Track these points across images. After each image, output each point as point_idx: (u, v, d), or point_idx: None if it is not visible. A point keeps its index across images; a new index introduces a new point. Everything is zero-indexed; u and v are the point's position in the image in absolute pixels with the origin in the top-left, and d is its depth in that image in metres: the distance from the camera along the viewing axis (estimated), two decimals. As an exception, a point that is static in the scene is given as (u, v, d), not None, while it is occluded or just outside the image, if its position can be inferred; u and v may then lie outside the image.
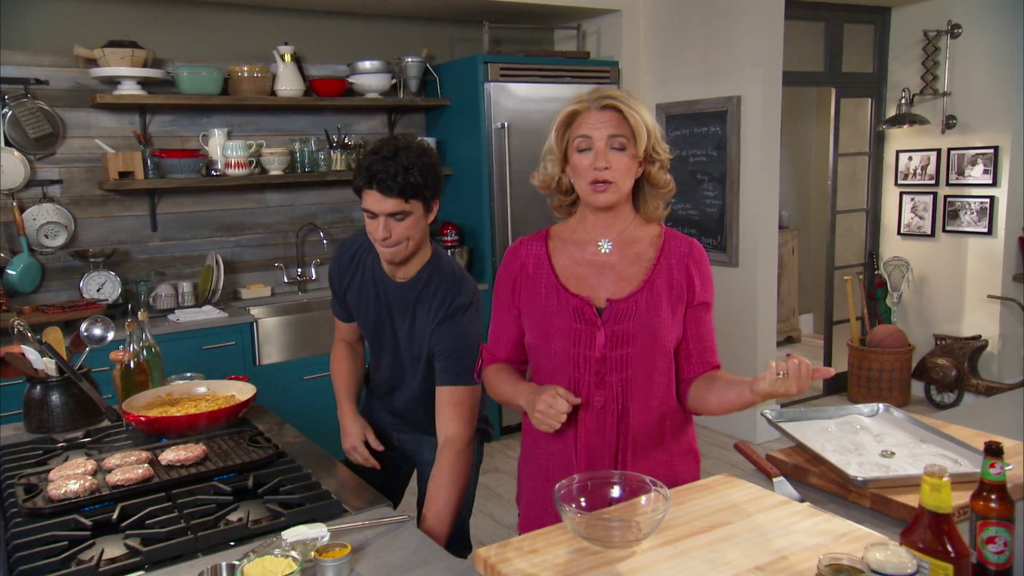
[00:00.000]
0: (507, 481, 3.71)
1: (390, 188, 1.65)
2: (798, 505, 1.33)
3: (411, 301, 1.82)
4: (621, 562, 1.15)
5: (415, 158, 1.67)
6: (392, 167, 1.64)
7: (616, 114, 1.43)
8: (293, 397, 3.51)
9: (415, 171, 1.66)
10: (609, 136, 1.42)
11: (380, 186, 1.65)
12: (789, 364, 1.26)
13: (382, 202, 1.67)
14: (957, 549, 1.03)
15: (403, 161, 1.65)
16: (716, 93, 4.14)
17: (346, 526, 1.39)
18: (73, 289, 3.56)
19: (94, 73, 3.46)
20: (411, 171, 1.65)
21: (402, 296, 1.83)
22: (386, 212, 1.68)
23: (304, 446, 1.86)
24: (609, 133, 1.42)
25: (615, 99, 1.43)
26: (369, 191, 1.68)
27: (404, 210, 1.68)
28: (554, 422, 1.36)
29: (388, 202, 1.67)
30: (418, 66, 4.22)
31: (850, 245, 5.08)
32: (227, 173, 3.71)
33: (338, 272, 1.95)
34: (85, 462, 1.64)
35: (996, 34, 4.23)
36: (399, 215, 1.69)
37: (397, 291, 1.84)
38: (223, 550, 1.34)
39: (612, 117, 1.42)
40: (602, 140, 1.42)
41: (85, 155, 3.58)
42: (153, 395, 2.00)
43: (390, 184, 1.64)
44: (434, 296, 1.79)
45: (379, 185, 1.65)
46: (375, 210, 1.69)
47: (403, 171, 1.64)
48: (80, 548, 1.33)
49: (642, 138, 1.43)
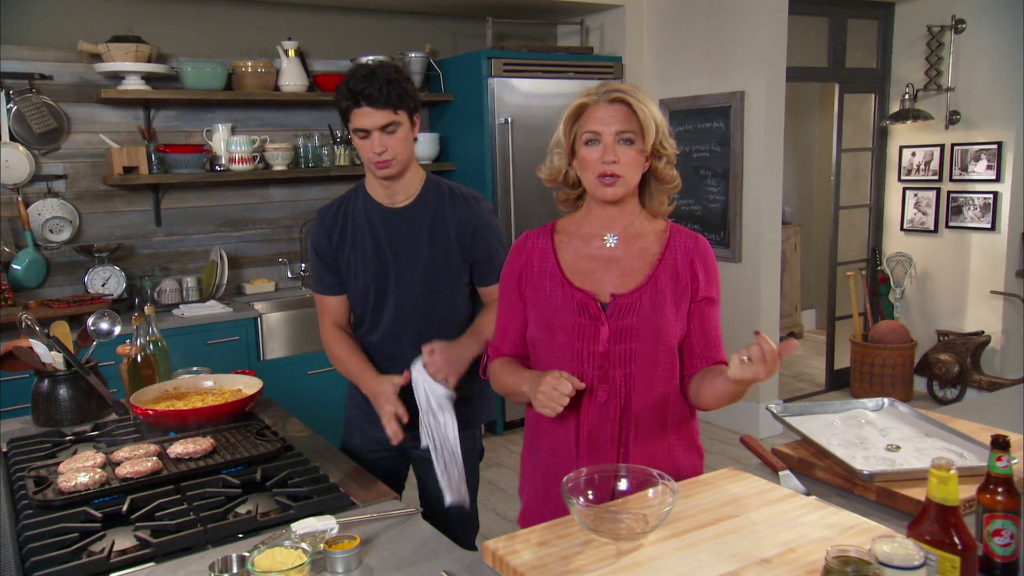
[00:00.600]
0: (510, 476, 3.72)
1: (378, 100, 1.71)
2: (804, 498, 1.33)
3: (425, 217, 1.86)
4: (629, 555, 1.15)
5: (393, 72, 1.75)
6: (376, 81, 1.71)
7: (625, 108, 1.42)
8: (297, 392, 3.51)
9: (397, 83, 1.74)
10: (617, 131, 1.41)
11: (368, 100, 1.71)
12: (752, 351, 1.25)
13: (372, 116, 1.72)
14: (964, 541, 1.03)
15: (385, 75, 1.72)
16: (720, 88, 4.13)
17: (355, 519, 1.39)
18: (78, 284, 3.57)
19: (98, 68, 3.46)
20: (394, 83, 1.73)
21: (411, 218, 1.86)
22: (378, 126, 1.73)
23: (310, 439, 1.87)
24: (618, 127, 1.41)
25: (624, 93, 1.43)
26: (358, 109, 1.73)
27: (394, 120, 1.74)
28: (556, 405, 1.36)
29: (378, 115, 1.72)
30: (421, 61, 4.22)
31: (853, 241, 5.08)
32: (231, 168, 3.72)
33: (324, 234, 1.92)
34: (94, 455, 1.64)
35: (1000, 30, 4.22)
36: (390, 127, 1.75)
37: (402, 217, 1.86)
38: (233, 542, 1.34)
39: (621, 111, 1.42)
40: (610, 134, 1.41)
41: (89, 150, 3.59)
42: (160, 389, 2.01)
43: (377, 96, 1.71)
44: (455, 203, 1.87)
45: (367, 100, 1.71)
46: (367, 126, 1.74)
47: (387, 83, 1.71)
48: (91, 540, 1.34)
49: (650, 132, 1.42)
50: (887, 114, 4.73)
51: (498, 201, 4.16)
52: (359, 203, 1.91)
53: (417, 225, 1.87)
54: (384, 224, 1.87)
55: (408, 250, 1.87)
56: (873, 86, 4.78)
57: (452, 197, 1.89)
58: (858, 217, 5.02)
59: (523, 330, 1.57)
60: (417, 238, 1.86)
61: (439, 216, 1.87)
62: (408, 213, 1.87)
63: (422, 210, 1.87)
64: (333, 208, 1.95)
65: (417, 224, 1.87)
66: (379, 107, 1.71)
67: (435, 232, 1.86)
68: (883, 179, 4.89)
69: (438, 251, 1.86)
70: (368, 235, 1.88)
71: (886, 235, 4.92)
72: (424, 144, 4.27)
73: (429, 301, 1.89)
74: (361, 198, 1.91)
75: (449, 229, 1.86)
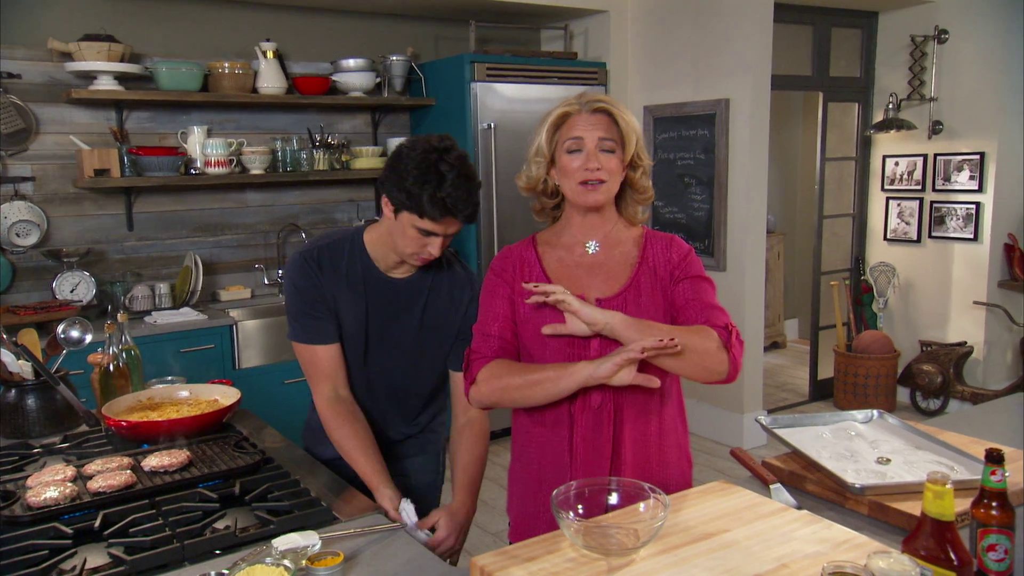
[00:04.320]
0: (493, 488, 3.65)
1: (468, 215, 1.57)
2: (796, 512, 1.31)
3: (422, 294, 1.76)
4: (620, 570, 1.13)
5: (475, 175, 1.59)
6: (467, 192, 1.55)
7: (607, 117, 1.47)
8: (274, 402, 3.42)
9: (477, 190, 1.59)
10: (600, 138, 1.46)
11: (463, 216, 1.57)
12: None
13: (452, 226, 1.59)
14: (960, 557, 1.02)
15: (474, 183, 1.58)
16: (704, 96, 4.12)
17: (338, 534, 1.36)
18: (46, 290, 3.47)
19: (69, 67, 3.37)
20: (475, 191, 1.58)
21: (410, 291, 1.76)
22: (451, 233, 1.61)
23: (288, 451, 1.82)
24: (600, 135, 1.46)
25: (606, 103, 1.48)
26: (444, 219, 1.56)
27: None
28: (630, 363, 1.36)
29: (456, 225, 1.59)
30: (403, 65, 4.17)
31: (836, 250, 5.08)
32: (206, 172, 3.64)
33: (316, 282, 1.70)
34: (64, 468, 1.60)
35: (983, 40, 4.25)
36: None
37: (402, 289, 1.75)
38: (210, 559, 1.31)
39: (603, 120, 1.47)
40: (593, 140, 1.45)
41: (59, 152, 3.50)
42: (134, 399, 1.96)
43: (469, 212, 1.57)
44: (451, 281, 1.78)
45: (462, 215, 1.57)
46: (441, 232, 1.59)
47: (475, 193, 1.58)
48: (62, 557, 1.29)
49: (631, 142, 1.47)
50: (871, 123, 4.74)
51: (480, 208, 4.10)
52: (355, 260, 1.73)
53: (413, 298, 1.75)
54: (382, 292, 1.73)
55: (401, 318, 1.76)
56: (857, 95, 4.80)
57: (447, 269, 1.77)
58: (841, 226, 5.02)
59: (508, 328, 1.52)
60: (409, 311, 1.76)
61: (435, 290, 1.76)
62: (411, 284, 1.75)
63: (423, 284, 1.76)
64: (321, 253, 1.73)
65: (414, 297, 1.75)
66: (466, 221, 1.58)
67: (427, 307, 1.76)
68: (867, 188, 4.90)
69: (427, 326, 1.77)
70: (362, 304, 1.73)
71: (869, 244, 4.93)
72: (405, 149, 4.20)
73: (404, 375, 1.81)
74: (358, 255, 1.73)
75: (448, 299, 1.77)
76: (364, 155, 4.08)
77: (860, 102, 4.81)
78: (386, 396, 1.82)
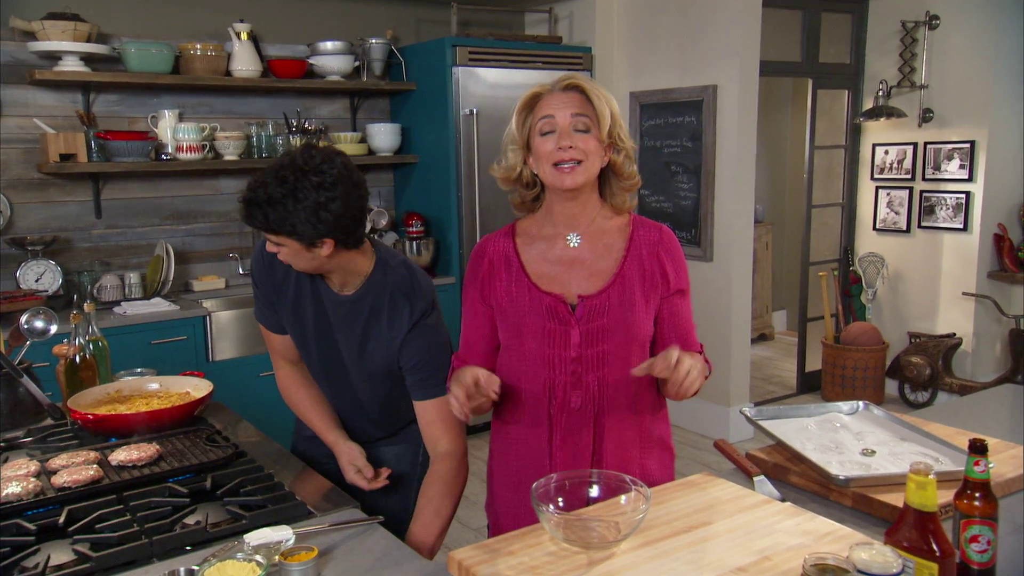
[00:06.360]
0: (474, 483, 3.56)
1: (264, 228, 1.55)
2: (779, 504, 1.31)
3: (361, 316, 1.65)
4: (600, 564, 1.13)
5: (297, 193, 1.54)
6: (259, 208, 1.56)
7: (579, 95, 1.41)
8: (249, 395, 3.33)
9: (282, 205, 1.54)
10: (573, 115, 1.39)
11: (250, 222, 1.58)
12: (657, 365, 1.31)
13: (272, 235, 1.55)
14: (942, 548, 1.02)
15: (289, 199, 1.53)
16: (692, 82, 4.03)
17: (312, 529, 1.34)
18: (9, 279, 3.36)
19: (32, 47, 3.27)
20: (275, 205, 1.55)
21: (348, 311, 1.65)
22: (281, 246, 1.55)
23: (263, 445, 1.78)
24: (572, 111, 1.39)
25: (578, 80, 1.42)
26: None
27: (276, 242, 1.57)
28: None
29: (276, 235, 1.54)
30: (382, 48, 4.07)
31: (825, 240, 5.01)
32: (178, 157, 3.54)
33: (267, 273, 1.70)
34: (28, 463, 1.56)
35: (974, 27, 4.18)
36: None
37: (341, 306, 1.65)
38: (180, 555, 1.28)
39: (575, 98, 1.41)
40: (566, 119, 1.39)
41: (22, 135, 3.39)
42: (101, 392, 1.91)
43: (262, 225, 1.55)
44: (391, 309, 1.63)
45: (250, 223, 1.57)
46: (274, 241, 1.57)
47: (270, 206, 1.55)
48: (24, 555, 1.27)
49: (605, 120, 1.40)
50: (860, 111, 4.67)
51: (462, 196, 4.02)
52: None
53: (353, 322, 1.66)
54: (327, 306, 1.68)
55: (346, 340, 1.68)
56: (846, 82, 4.72)
57: (391, 296, 1.64)
58: (830, 216, 4.95)
59: (490, 341, 1.51)
60: (352, 334, 1.67)
61: (375, 318, 1.65)
62: (350, 304, 1.66)
63: (362, 307, 1.65)
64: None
65: (354, 321, 1.66)
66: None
67: (370, 337, 1.66)
68: (856, 177, 4.83)
69: (368, 354, 1.67)
70: (311, 311, 1.68)
71: (858, 234, 4.86)
72: (385, 135, 4.12)
73: (359, 390, 1.74)
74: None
75: (388, 331, 1.65)
76: (342, 141, 3.99)
77: (850, 89, 4.73)
78: (350, 408, 1.79)
